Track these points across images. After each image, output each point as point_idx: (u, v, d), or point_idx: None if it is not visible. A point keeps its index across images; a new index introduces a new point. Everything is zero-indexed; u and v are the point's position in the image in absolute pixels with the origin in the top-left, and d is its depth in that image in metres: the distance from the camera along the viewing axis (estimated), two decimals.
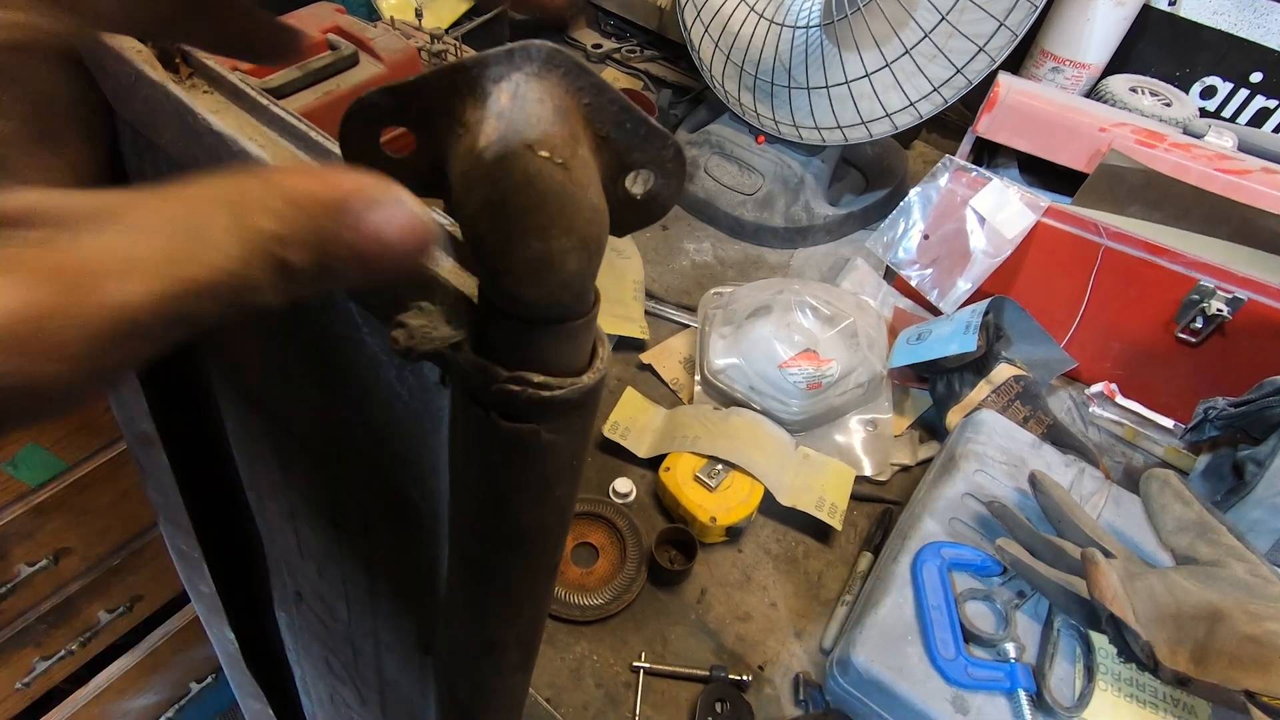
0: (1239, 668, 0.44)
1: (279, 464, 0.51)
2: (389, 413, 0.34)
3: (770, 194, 0.89)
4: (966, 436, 0.61)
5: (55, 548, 0.85)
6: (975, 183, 0.72)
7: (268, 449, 0.51)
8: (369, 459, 0.40)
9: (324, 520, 0.50)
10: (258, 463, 0.54)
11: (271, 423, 0.47)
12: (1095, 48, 0.87)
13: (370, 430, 0.38)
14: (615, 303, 0.79)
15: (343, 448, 0.42)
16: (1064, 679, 0.47)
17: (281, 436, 0.47)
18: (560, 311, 0.19)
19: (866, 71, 0.78)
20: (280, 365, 0.41)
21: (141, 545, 0.98)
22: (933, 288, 0.75)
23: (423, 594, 0.43)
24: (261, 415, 0.48)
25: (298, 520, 0.55)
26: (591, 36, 1.21)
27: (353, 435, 0.40)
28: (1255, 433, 0.58)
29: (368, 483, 0.42)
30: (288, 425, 0.45)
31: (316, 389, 0.40)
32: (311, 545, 0.55)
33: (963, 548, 0.53)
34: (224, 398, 0.51)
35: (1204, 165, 0.65)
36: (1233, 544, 0.48)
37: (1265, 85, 0.86)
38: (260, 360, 0.43)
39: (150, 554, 0.98)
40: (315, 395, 0.40)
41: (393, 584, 0.49)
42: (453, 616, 0.35)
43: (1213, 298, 0.65)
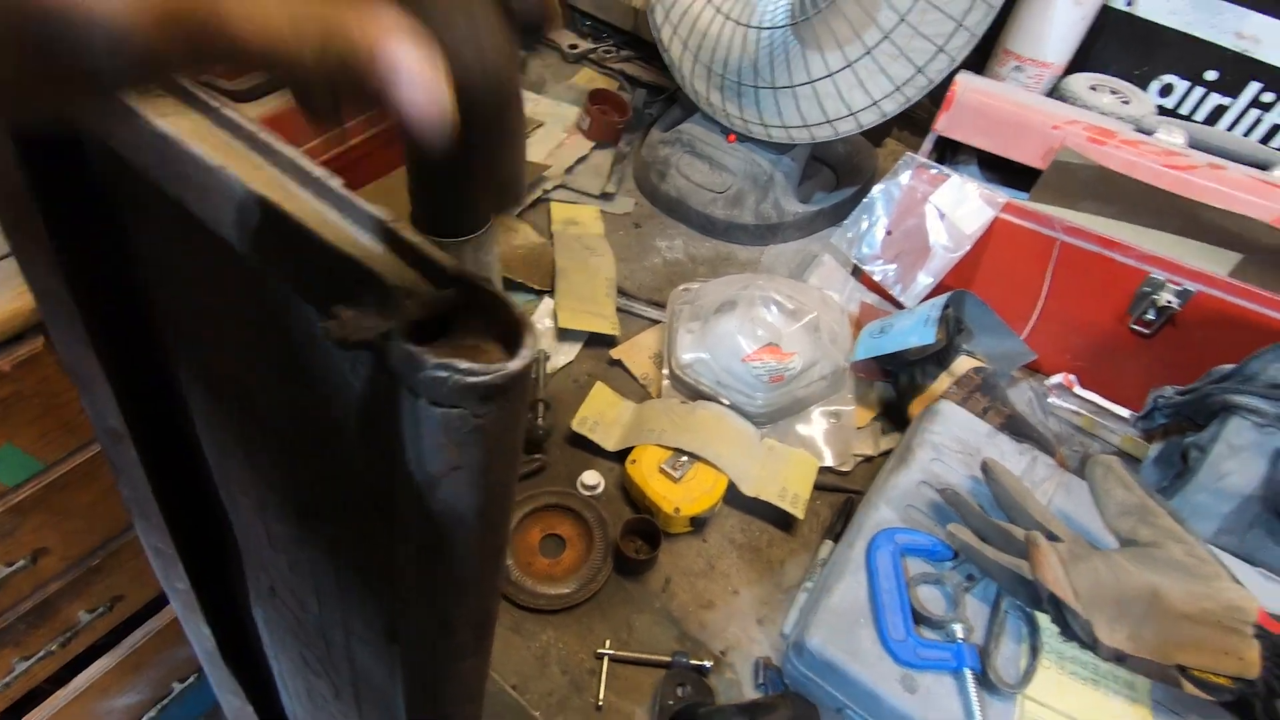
0: (1173, 644, 0.46)
1: (246, 457, 0.52)
2: (344, 402, 0.35)
3: (741, 192, 0.91)
4: (924, 427, 0.63)
5: (34, 547, 0.85)
6: (935, 180, 0.74)
7: (235, 442, 0.52)
8: (329, 448, 0.41)
9: (291, 511, 0.51)
10: (227, 456, 0.55)
11: (237, 415, 0.48)
12: (1056, 47, 0.89)
13: (328, 419, 0.39)
14: (588, 300, 0.80)
15: (303, 438, 0.43)
16: (1010, 658, 0.49)
17: (247, 429, 0.48)
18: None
19: (830, 71, 0.80)
20: (242, 356, 0.42)
21: (121, 545, 0.98)
22: (896, 282, 0.76)
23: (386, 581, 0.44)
24: (227, 408, 0.49)
25: (267, 513, 0.56)
26: (568, 37, 1.23)
27: (312, 425, 0.41)
28: (1199, 420, 0.60)
29: (329, 472, 0.43)
30: (251, 416, 0.46)
31: (276, 380, 0.41)
32: (281, 537, 0.56)
33: (916, 533, 0.54)
34: (192, 392, 0.52)
35: (1153, 161, 0.67)
36: (1171, 526, 0.50)
37: (1220, 83, 0.88)
38: (223, 351, 0.44)
39: (130, 553, 0.99)
40: (275, 386, 0.41)
41: (359, 573, 0.50)
42: (407, 600, 0.36)
43: (1163, 290, 0.67)
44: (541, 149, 0.99)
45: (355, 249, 0.26)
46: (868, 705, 0.48)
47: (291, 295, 0.32)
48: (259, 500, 0.56)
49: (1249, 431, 0.56)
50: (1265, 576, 0.55)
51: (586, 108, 1.01)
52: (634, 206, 0.95)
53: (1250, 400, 0.55)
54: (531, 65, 1.16)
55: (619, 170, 0.99)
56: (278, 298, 0.34)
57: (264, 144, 0.31)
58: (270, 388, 0.42)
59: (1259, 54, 0.85)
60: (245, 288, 0.37)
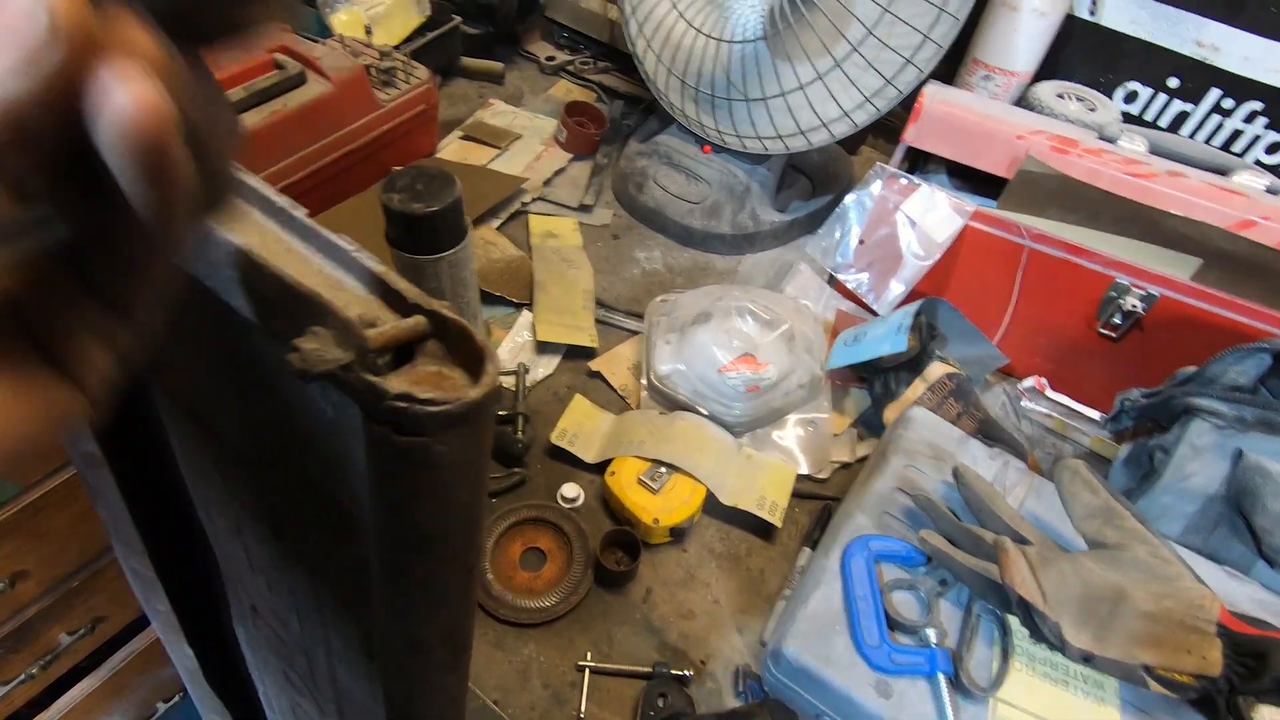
0: (1138, 643, 0.47)
1: (222, 478, 0.52)
2: (315, 425, 0.36)
3: (717, 202, 0.92)
4: (898, 433, 0.64)
5: (11, 571, 0.85)
6: (906, 189, 0.75)
7: (211, 464, 0.52)
8: (301, 469, 0.41)
9: (267, 531, 0.51)
10: (203, 478, 0.55)
11: (212, 438, 0.48)
12: (1023, 56, 0.91)
13: (300, 441, 0.39)
14: (565, 312, 0.80)
15: (276, 459, 0.43)
16: (982, 661, 0.50)
17: (222, 451, 0.48)
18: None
19: (802, 84, 0.81)
20: (214, 382, 0.43)
21: (102, 566, 0.97)
22: (869, 290, 0.78)
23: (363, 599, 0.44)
24: (203, 431, 0.49)
25: (244, 533, 0.56)
26: (545, 49, 1.23)
27: (285, 447, 0.41)
28: (1164, 422, 0.62)
29: (302, 492, 0.43)
30: (225, 440, 0.46)
31: (248, 404, 0.41)
32: (259, 558, 0.57)
33: (890, 540, 0.55)
34: (167, 415, 0.52)
35: (1114, 170, 0.69)
36: (1136, 528, 0.51)
37: (1181, 90, 0.90)
38: (196, 379, 0.44)
39: (111, 575, 0.98)
40: (247, 410, 0.41)
41: (336, 591, 0.50)
42: (381, 618, 0.36)
43: (1128, 294, 0.69)
44: (519, 162, 1.00)
45: (314, 280, 0.27)
46: (844, 711, 0.48)
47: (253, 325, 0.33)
48: (236, 522, 0.56)
49: (1210, 433, 0.57)
50: (1230, 575, 0.57)
51: (563, 120, 1.02)
52: (612, 218, 0.96)
53: (1211, 403, 0.57)
54: (509, 77, 1.16)
55: (596, 182, 0.99)
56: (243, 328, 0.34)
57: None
58: (242, 413, 0.43)
59: (1218, 61, 0.87)
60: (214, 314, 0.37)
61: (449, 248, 0.61)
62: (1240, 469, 0.56)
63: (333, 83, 0.80)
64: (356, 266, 0.29)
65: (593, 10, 1.18)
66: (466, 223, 0.63)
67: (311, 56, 0.80)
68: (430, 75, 0.92)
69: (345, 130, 0.83)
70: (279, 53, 0.80)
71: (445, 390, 0.25)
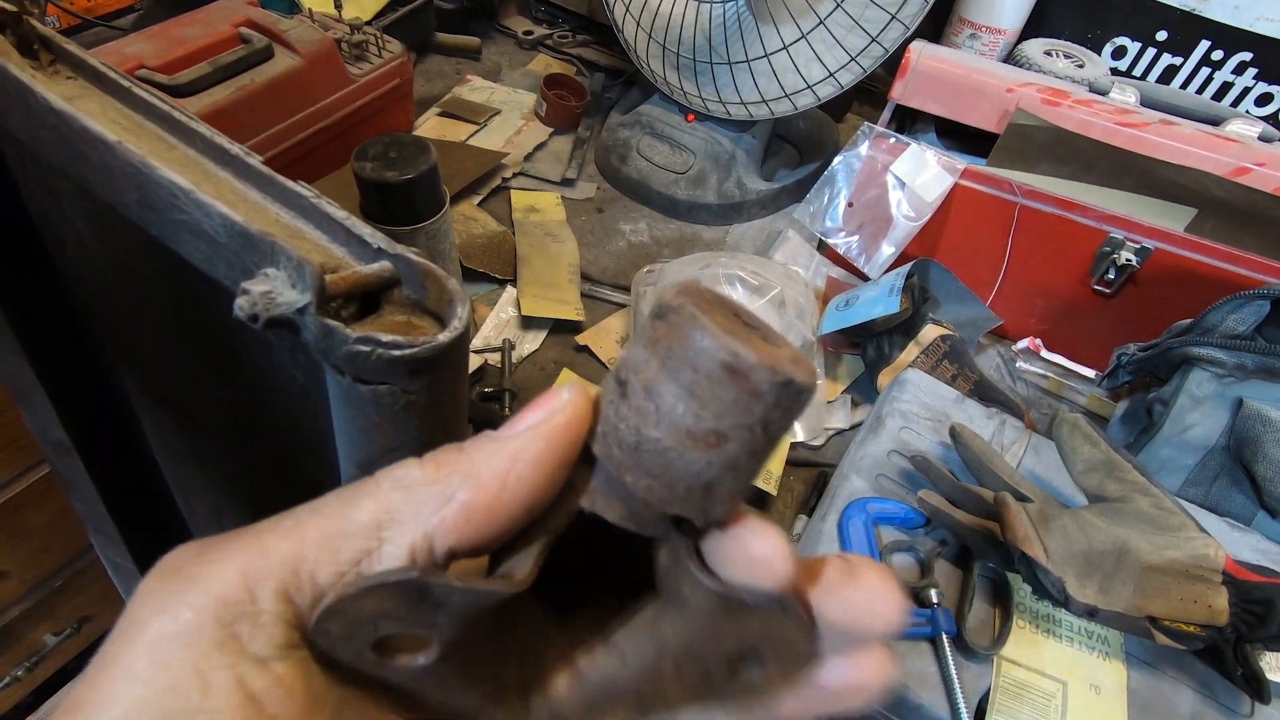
0: (1142, 595, 0.46)
1: (197, 462, 0.50)
2: (287, 396, 0.34)
3: (702, 171, 0.90)
4: (892, 396, 0.62)
5: None
6: (894, 149, 0.74)
7: (185, 447, 0.50)
8: (277, 445, 0.40)
9: (247, 515, 0.50)
10: (179, 464, 0.54)
11: (182, 420, 0.47)
12: (1009, 13, 0.89)
13: (272, 415, 0.37)
14: (550, 286, 0.79)
15: (251, 437, 0.41)
16: (984, 620, 0.49)
17: (194, 433, 0.47)
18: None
19: (785, 44, 0.79)
20: (180, 358, 0.41)
21: (85, 564, 0.95)
22: (859, 254, 0.76)
23: None
24: (172, 413, 0.47)
25: (224, 518, 0.54)
26: (523, 23, 1.21)
27: (258, 423, 0.40)
28: (1162, 375, 0.61)
29: (279, 470, 0.42)
30: (197, 420, 0.45)
31: (217, 379, 0.39)
32: None
33: (888, 502, 0.54)
34: (137, 399, 0.50)
35: (1106, 120, 0.67)
36: (1138, 480, 0.50)
37: (1170, 43, 0.89)
38: (161, 355, 0.42)
39: (95, 573, 0.96)
40: (216, 386, 0.40)
41: None
42: None
43: (1122, 249, 0.68)
44: (498, 137, 0.97)
45: (270, 225, 0.25)
46: None
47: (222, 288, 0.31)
48: (215, 506, 0.54)
49: (1209, 383, 0.56)
50: (1231, 526, 0.56)
51: (543, 93, 0.99)
52: (596, 191, 0.94)
53: (1209, 351, 0.56)
54: (486, 53, 1.14)
55: (579, 155, 0.97)
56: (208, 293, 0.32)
57: (178, 123, 0.29)
58: (212, 389, 0.41)
59: (1206, 12, 0.85)
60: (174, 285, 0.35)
61: (426, 218, 0.59)
62: (1241, 417, 0.55)
63: (302, 56, 0.77)
64: (317, 213, 0.27)
65: None
66: (444, 192, 0.61)
67: (279, 30, 0.77)
68: (404, 50, 0.89)
69: (317, 106, 0.80)
70: (244, 27, 0.77)
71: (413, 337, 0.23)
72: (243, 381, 0.37)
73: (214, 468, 0.48)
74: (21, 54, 0.31)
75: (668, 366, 0.14)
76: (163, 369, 0.43)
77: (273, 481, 0.44)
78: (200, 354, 0.38)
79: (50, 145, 0.27)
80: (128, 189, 0.25)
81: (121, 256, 0.37)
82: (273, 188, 0.28)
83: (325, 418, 0.31)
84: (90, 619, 0.99)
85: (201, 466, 0.49)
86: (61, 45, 0.32)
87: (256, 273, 0.22)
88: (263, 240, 0.22)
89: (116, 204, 0.26)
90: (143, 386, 0.47)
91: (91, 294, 0.44)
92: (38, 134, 0.27)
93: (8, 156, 0.37)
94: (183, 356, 0.40)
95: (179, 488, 0.57)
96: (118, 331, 0.45)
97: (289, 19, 0.81)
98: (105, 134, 0.24)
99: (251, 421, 0.40)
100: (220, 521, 0.53)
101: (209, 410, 0.42)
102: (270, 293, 0.22)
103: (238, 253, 0.23)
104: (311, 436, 0.35)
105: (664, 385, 0.14)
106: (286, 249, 0.22)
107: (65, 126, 0.25)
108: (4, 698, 0.91)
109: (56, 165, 0.29)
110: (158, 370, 0.44)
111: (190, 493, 0.56)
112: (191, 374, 0.41)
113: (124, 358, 0.47)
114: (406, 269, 0.25)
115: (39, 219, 0.41)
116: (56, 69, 0.32)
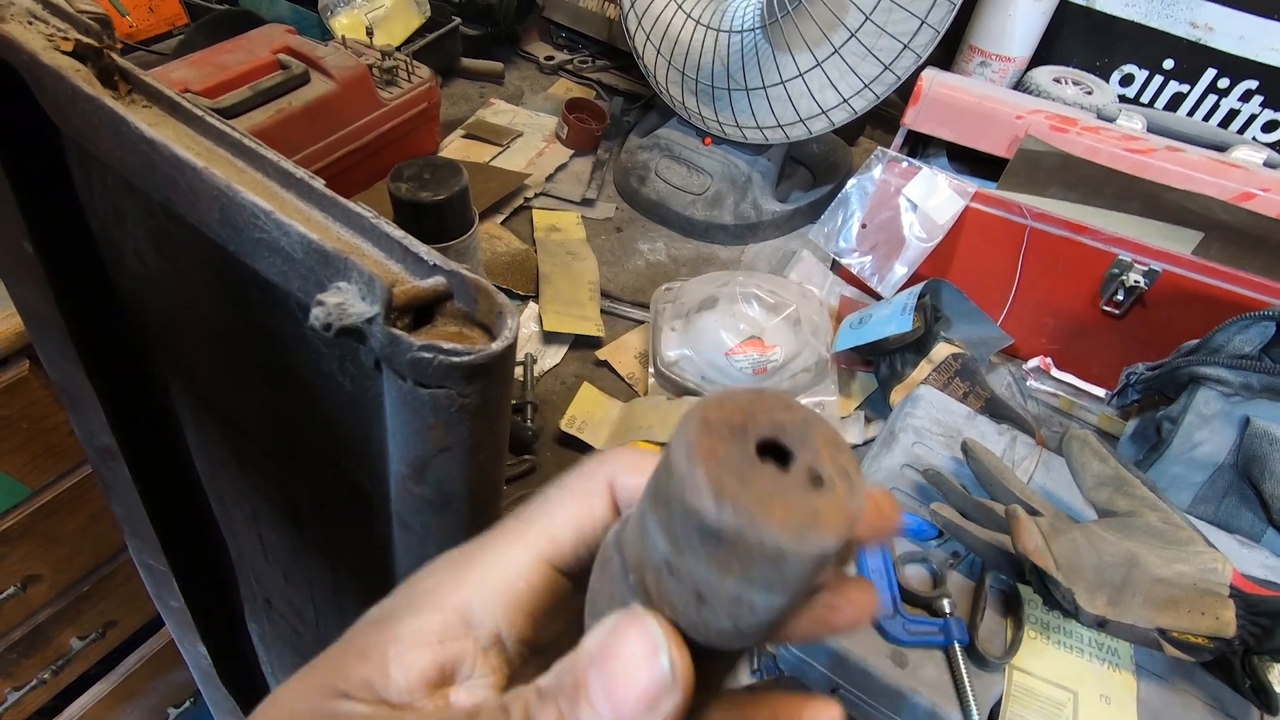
0: (1151, 607, 0.47)
1: (238, 467, 0.52)
2: (334, 403, 0.36)
3: (719, 193, 0.92)
4: (905, 412, 0.64)
5: (23, 575, 0.85)
6: (907, 173, 0.76)
7: (226, 453, 0.52)
8: (320, 451, 0.42)
9: (284, 519, 0.52)
10: (218, 469, 0.56)
11: (227, 426, 0.49)
12: (1019, 41, 0.92)
13: (318, 422, 0.40)
14: (571, 303, 0.81)
15: (295, 443, 0.43)
16: (995, 630, 0.50)
17: (238, 439, 0.49)
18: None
19: (800, 71, 0.82)
20: (230, 367, 0.43)
21: (112, 570, 0.97)
22: (872, 274, 0.78)
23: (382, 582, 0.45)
24: (217, 420, 0.49)
25: (260, 523, 0.56)
26: (544, 49, 1.25)
27: (303, 429, 0.42)
28: (1170, 393, 0.62)
29: (321, 475, 0.44)
30: (242, 427, 0.47)
31: (266, 387, 0.41)
32: (275, 547, 0.57)
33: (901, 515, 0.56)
34: (182, 406, 0.53)
35: (1113, 146, 0.69)
36: (1146, 495, 0.51)
37: (1177, 71, 0.91)
38: (211, 364, 0.45)
39: (121, 578, 0.98)
40: (265, 393, 0.42)
41: (354, 575, 0.50)
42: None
43: (1130, 271, 0.69)
44: (521, 158, 1.01)
45: (337, 243, 0.27)
46: (860, 683, 0.49)
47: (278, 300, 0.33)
48: (252, 511, 0.56)
49: (1216, 401, 0.57)
50: (1240, 543, 0.57)
51: (564, 116, 1.03)
52: (615, 211, 0.97)
53: (1217, 371, 0.57)
54: (508, 77, 1.17)
55: (599, 176, 1.00)
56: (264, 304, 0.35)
57: (248, 149, 0.32)
58: (259, 396, 0.43)
59: (1213, 42, 0.87)
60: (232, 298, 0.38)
61: (456, 236, 0.62)
62: (1248, 436, 0.57)
63: (337, 81, 0.81)
64: (376, 232, 0.29)
65: (591, 9, 1.20)
66: (473, 212, 0.64)
67: (315, 57, 0.81)
68: (432, 74, 0.92)
69: (349, 128, 0.83)
70: (283, 53, 0.80)
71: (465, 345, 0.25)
72: (291, 389, 0.39)
73: (254, 472, 0.50)
74: (103, 84, 0.34)
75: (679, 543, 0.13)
76: (212, 377, 0.46)
77: (311, 485, 0.46)
78: (251, 363, 0.41)
79: (138, 170, 0.29)
80: (211, 210, 0.27)
81: (180, 270, 0.40)
82: (335, 209, 0.30)
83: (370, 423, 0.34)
84: (115, 624, 1.01)
85: (242, 472, 0.51)
86: (138, 76, 0.35)
87: (329, 286, 0.25)
88: (337, 257, 0.24)
89: (199, 224, 0.28)
90: (190, 394, 0.50)
91: (146, 307, 0.46)
92: (126, 160, 0.29)
93: (75, 178, 0.40)
94: (233, 365, 0.43)
95: (216, 494, 0.59)
96: (169, 342, 0.48)
97: (325, 46, 0.84)
98: (193, 160, 0.26)
99: (295, 427, 0.42)
100: (257, 526, 0.55)
101: (255, 417, 0.45)
102: (343, 304, 0.24)
103: (312, 268, 0.26)
104: (353, 442, 0.37)
105: (683, 560, 0.13)
106: (359, 265, 0.24)
107: (155, 153, 0.27)
108: (30, 700, 0.93)
109: (139, 188, 0.31)
110: (207, 379, 0.46)
111: (228, 498, 0.58)
112: (240, 382, 0.43)
113: (174, 367, 0.49)
114: (459, 284, 0.27)
115: (100, 235, 0.44)
116: (133, 98, 0.35)
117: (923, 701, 0.47)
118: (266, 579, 0.62)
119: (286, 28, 0.85)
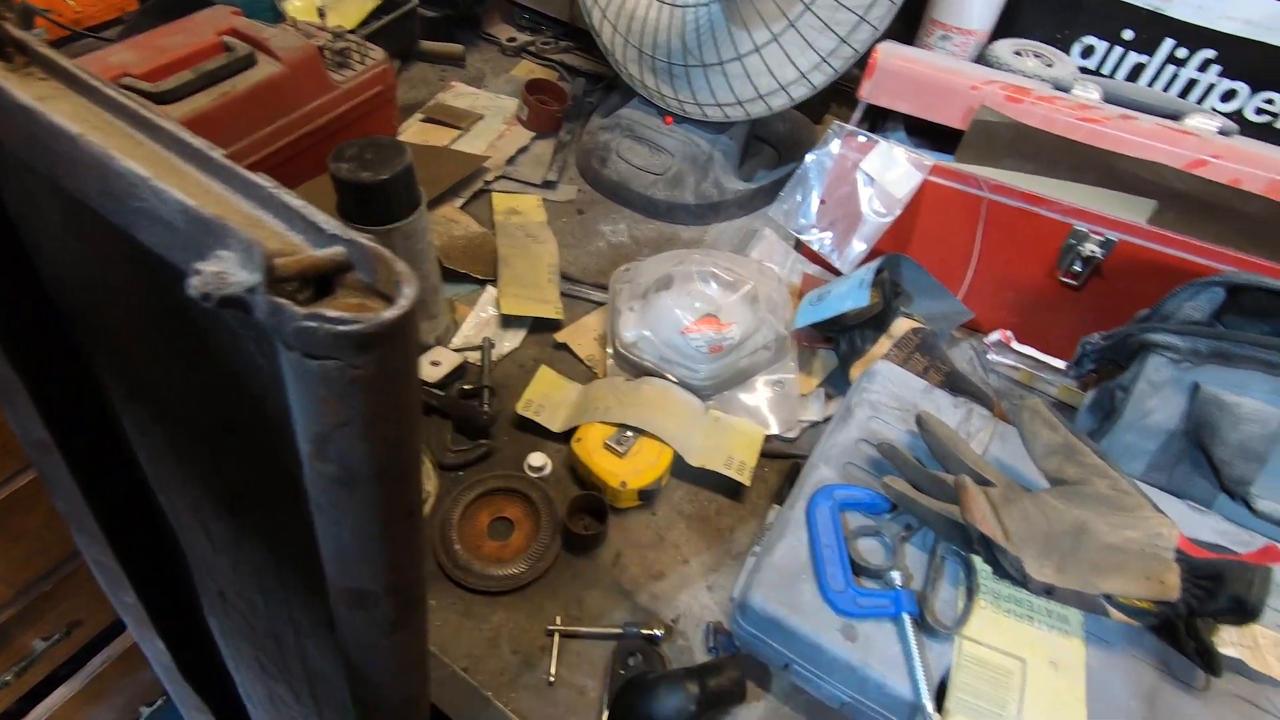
0: (1098, 573, 0.47)
1: (175, 456, 0.51)
2: (256, 382, 0.35)
3: (680, 172, 0.91)
4: (862, 387, 0.64)
5: None
6: (864, 147, 0.75)
7: (163, 441, 0.51)
8: (247, 433, 0.41)
9: (224, 507, 0.51)
10: (158, 459, 0.55)
11: (161, 413, 0.48)
12: (979, 14, 0.91)
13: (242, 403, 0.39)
14: (530, 286, 0.80)
15: (224, 425, 0.42)
16: (947, 601, 0.50)
17: (171, 426, 0.48)
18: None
19: (757, 46, 0.80)
20: (154, 349, 0.42)
21: (74, 568, 0.96)
22: (832, 250, 0.78)
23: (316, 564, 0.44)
24: (150, 408, 0.48)
25: (203, 513, 0.55)
26: (506, 30, 1.22)
27: (229, 411, 0.41)
28: (1124, 362, 0.62)
29: (250, 459, 0.43)
30: (173, 412, 0.46)
31: (189, 368, 0.40)
32: (220, 538, 0.56)
33: (855, 489, 0.55)
34: (117, 395, 0.51)
35: (1068, 115, 0.69)
36: (1096, 463, 0.51)
37: (1136, 42, 0.90)
38: (137, 347, 0.43)
39: (84, 577, 0.97)
40: (189, 376, 0.41)
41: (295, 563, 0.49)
42: (329, 574, 0.36)
43: (1087, 241, 0.69)
44: (481, 141, 0.99)
45: (227, 213, 0.26)
46: (811, 657, 0.48)
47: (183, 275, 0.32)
48: (194, 500, 0.55)
49: (1166, 368, 0.57)
50: (1192, 509, 0.57)
51: (525, 98, 1.01)
52: (577, 193, 0.96)
53: (1165, 337, 0.57)
54: (470, 60, 1.15)
55: (560, 158, 0.99)
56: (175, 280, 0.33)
57: (147, 121, 0.31)
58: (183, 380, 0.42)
59: (1171, 11, 0.87)
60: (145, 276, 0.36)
61: (401, 217, 0.61)
62: (1198, 402, 0.57)
63: (284, 63, 0.78)
64: (275, 202, 0.28)
65: None
66: (420, 192, 0.62)
67: (261, 38, 0.79)
68: (386, 56, 0.90)
69: (299, 112, 0.81)
70: (228, 35, 0.78)
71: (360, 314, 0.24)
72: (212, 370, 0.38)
73: (190, 459, 0.49)
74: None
75: None
76: (139, 363, 0.45)
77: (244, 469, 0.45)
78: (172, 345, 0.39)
79: (20, 141, 0.28)
80: (90, 179, 0.26)
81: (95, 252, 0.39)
82: (234, 180, 0.29)
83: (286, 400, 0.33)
84: (80, 623, 0.99)
85: (180, 460, 0.50)
86: (35, 48, 0.33)
87: (209, 255, 0.24)
88: (215, 223, 0.23)
89: (80, 195, 0.27)
90: (121, 382, 0.49)
91: (69, 291, 0.45)
92: (8, 131, 0.28)
93: None
94: (156, 349, 0.41)
95: (159, 483, 0.58)
96: (96, 328, 0.46)
97: (272, 27, 0.82)
98: (68, 127, 0.25)
99: (223, 411, 0.41)
100: (200, 515, 0.54)
101: (182, 400, 0.43)
102: (222, 273, 0.23)
103: (194, 237, 0.24)
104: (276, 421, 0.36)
105: None
106: (237, 231, 0.23)
107: (32, 122, 0.26)
108: None
109: (27, 161, 0.30)
110: (134, 365, 0.45)
111: (171, 488, 0.57)
112: (165, 366, 0.42)
113: (102, 354, 0.48)
114: (358, 253, 0.26)
115: (17, 219, 0.42)
116: (30, 71, 0.33)
117: (873, 674, 0.47)
118: (217, 570, 0.61)
119: (232, 9, 0.83)
